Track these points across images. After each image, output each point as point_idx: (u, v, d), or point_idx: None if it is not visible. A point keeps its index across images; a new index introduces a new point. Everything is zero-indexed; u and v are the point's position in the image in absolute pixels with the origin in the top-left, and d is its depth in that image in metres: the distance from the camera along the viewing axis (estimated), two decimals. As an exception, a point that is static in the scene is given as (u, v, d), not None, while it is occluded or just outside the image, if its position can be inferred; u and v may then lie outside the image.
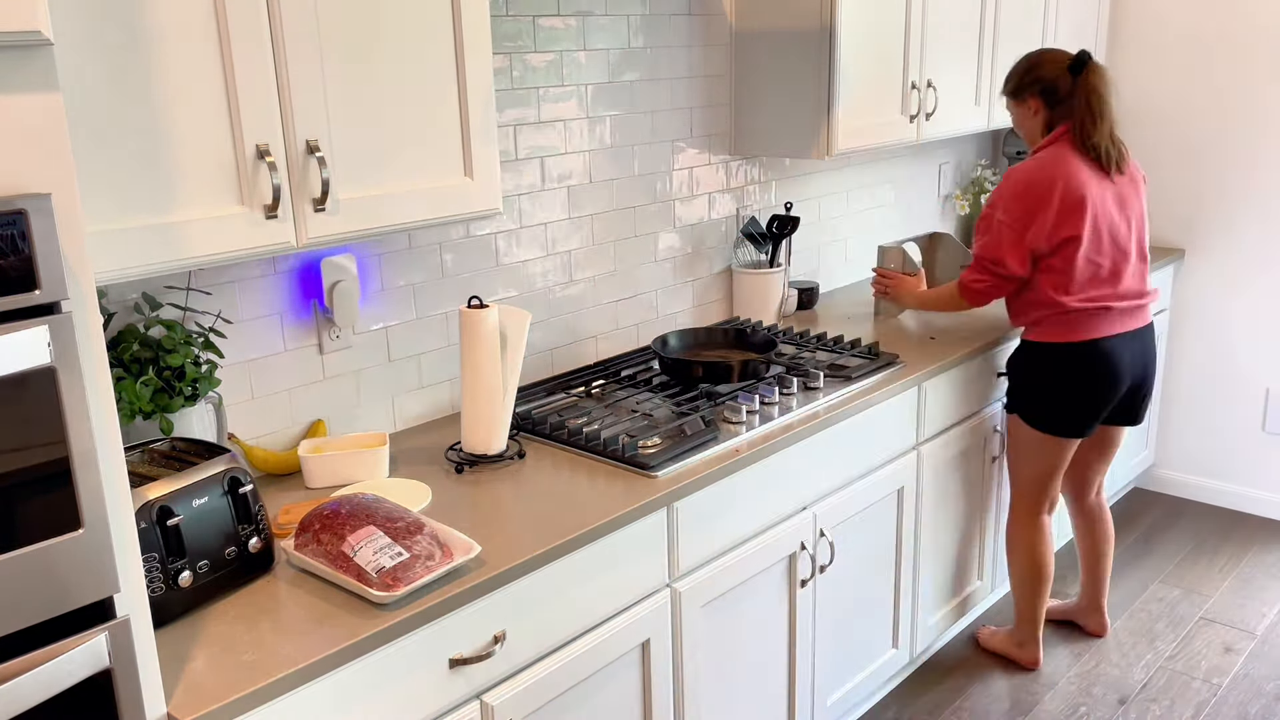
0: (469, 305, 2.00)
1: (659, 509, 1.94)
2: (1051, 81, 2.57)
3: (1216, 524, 3.84)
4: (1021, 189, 2.52)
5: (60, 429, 1.13)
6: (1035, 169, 2.53)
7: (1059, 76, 2.56)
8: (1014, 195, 2.52)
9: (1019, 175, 2.54)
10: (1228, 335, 3.83)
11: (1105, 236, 2.55)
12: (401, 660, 1.55)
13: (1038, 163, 2.54)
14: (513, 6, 2.31)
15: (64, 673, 1.19)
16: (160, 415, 1.77)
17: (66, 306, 1.14)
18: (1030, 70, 2.60)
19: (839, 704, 2.58)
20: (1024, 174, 2.53)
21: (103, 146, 1.43)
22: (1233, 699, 2.83)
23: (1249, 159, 3.66)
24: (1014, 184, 2.53)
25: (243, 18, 1.53)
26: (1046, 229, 2.50)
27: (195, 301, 1.92)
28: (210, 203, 1.56)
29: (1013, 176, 2.55)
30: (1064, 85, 2.56)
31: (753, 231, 2.97)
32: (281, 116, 1.61)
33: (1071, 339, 2.57)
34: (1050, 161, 2.53)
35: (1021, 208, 2.51)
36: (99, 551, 1.19)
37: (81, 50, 1.39)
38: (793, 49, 2.71)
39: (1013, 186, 2.53)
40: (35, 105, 1.10)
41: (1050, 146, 2.57)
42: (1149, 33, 3.77)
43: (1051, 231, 2.50)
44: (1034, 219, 2.50)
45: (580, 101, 2.50)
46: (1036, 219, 2.50)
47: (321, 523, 1.64)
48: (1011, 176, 2.55)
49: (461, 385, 2.05)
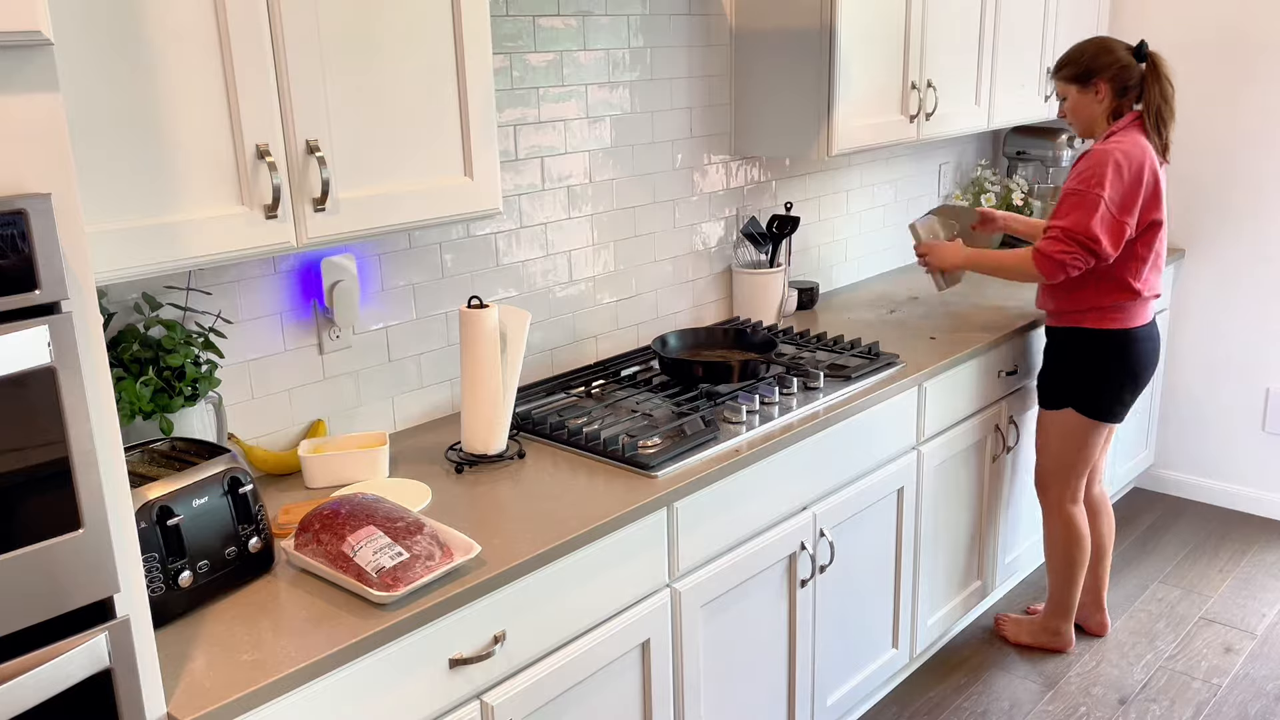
0: (469, 305, 2.00)
1: (659, 509, 1.94)
2: (1122, 68, 2.58)
3: (1216, 524, 3.84)
4: (1121, 168, 2.51)
5: (60, 429, 1.13)
6: (1129, 148, 2.53)
7: (1129, 64, 2.58)
8: (1116, 173, 2.51)
9: (1115, 155, 2.52)
10: (1228, 335, 3.83)
11: (1165, 227, 2.64)
12: (401, 660, 1.55)
13: (1124, 145, 2.53)
14: (513, 6, 2.31)
15: (64, 673, 1.18)
16: (160, 415, 1.77)
17: (66, 306, 1.14)
18: (1099, 55, 2.59)
19: (839, 704, 2.58)
20: (1120, 153, 2.52)
21: (103, 146, 1.43)
22: (1233, 699, 2.83)
23: (1249, 159, 3.66)
24: (1113, 163, 2.51)
25: (243, 17, 1.53)
26: (1139, 211, 2.54)
27: (195, 301, 1.92)
28: (210, 203, 1.56)
29: (1107, 156, 2.52)
30: (1133, 73, 2.59)
31: (753, 231, 2.97)
32: (281, 116, 1.61)
33: (1136, 324, 2.65)
34: (1133, 145, 2.54)
35: (1124, 186, 2.51)
36: (99, 551, 1.19)
37: (81, 50, 1.39)
38: (793, 49, 2.71)
39: (1112, 166, 2.51)
40: (35, 105, 1.10)
41: (1123, 131, 2.58)
42: (1149, 33, 3.77)
43: (1143, 214, 2.55)
44: (1134, 199, 2.52)
45: (580, 101, 2.50)
46: (1135, 199, 2.52)
47: (321, 523, 1.64)
48: (1103, 157, 2.52)
49: (461, 385, 2.05)
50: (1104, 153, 2.53)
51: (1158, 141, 2.59)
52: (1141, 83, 2.60)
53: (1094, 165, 2.53)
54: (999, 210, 3.19)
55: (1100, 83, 2.60)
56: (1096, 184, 2.51)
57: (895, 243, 3.69)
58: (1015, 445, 3.09)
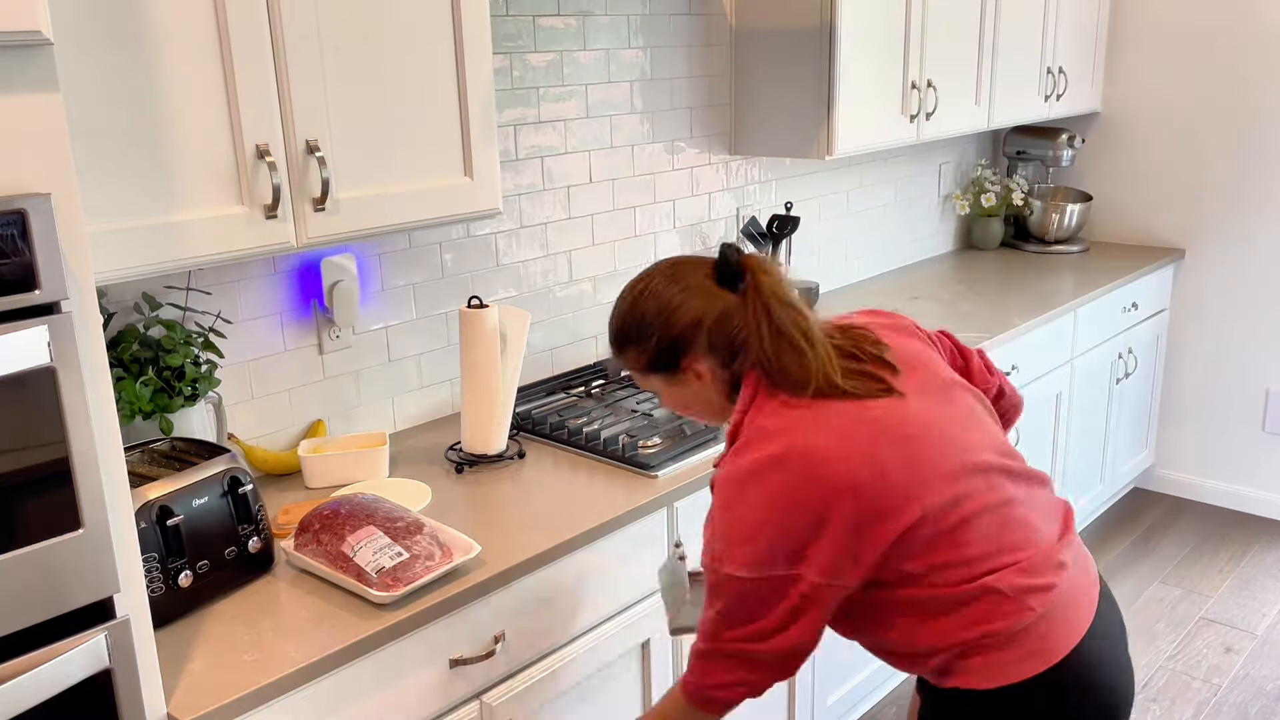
0: (469, 305, 2.00)
1: (659, 509, 1.94)
2: (712, 324, 1.42)
3: (1216, 524, 3.84)
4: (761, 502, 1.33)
5: (60, 429, 1.13)
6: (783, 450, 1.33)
7: (720, 313, 1.42)
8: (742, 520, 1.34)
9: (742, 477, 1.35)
10: (1228, 335, 3.83)
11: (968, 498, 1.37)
12: (401, 660, 1.55)
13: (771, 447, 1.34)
14: (513, 6, 2.31)
15: (64, 673, 1.18)
16: (160, 415, 1.77)
17: (66, 306, 1.14)
18: (669, 323, 1.43)
19: (839, 704, 2.58)
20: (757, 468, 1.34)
21: (103, 146, 1.43)
22: (1233, 699, 2.83)
23: (1249, 159, 3.66)
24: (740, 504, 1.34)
25: (243, 17, 1.53)
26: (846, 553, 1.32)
27: (195, 301, 1.92)
28: (210, 202, 1.56)
29: (730, 486, 1.36)
30: (732, 318, 1.41)
31: (753, 231, 2.97)
32: (281, 116, 1.61)
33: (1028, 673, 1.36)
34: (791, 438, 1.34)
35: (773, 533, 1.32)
36: (99, 552, 1.19)
37: (81, 50, 1.39)
38: (793, 49, 2.71)
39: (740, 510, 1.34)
40: (35, 105, 1.10)
41: (765, 412, 1.38)
42: (1149, 33, 3.77)
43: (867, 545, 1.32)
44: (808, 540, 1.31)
45: (580, 101, 2.50)
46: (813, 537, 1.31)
47: (321, 523, 1.64)
48: (725, 490, 1.37)
49: (461, 385, 2.05)
50: (728, 480, 1.36)
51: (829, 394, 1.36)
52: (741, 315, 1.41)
53: (715, 514, 1.37)
54: None
55: (691, 362, 1.44)
56: (721, 556, 1.34)
57: (895, 243, 3.69)
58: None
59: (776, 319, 1.38)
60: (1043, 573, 1.37)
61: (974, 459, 1.38)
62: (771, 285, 1.40)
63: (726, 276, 1.42)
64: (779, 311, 1.38)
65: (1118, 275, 3.47)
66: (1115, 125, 3.92)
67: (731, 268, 1.42)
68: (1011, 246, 3.99)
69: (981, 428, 1.44)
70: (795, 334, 1.38)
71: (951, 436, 1.38)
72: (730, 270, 1.42)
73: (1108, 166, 3.97)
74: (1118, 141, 3.92)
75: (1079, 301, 3.22)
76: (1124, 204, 3.96)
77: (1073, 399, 3.36)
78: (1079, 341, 3.33)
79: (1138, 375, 3.77)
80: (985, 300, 3.23)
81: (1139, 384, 3.81)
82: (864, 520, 1.30)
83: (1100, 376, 3.51)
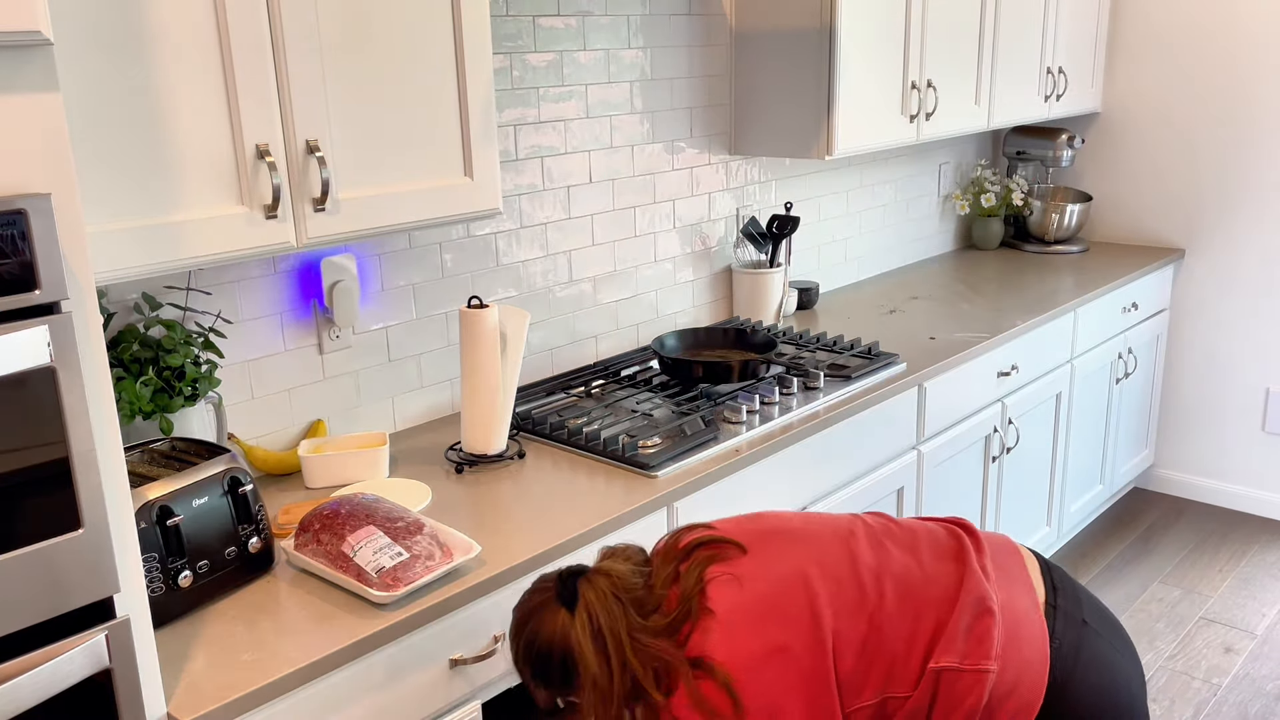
0: (469, 305, 2.00)
1: (659, 509, 1.94)
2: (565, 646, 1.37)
3: (1216, 524, 3.84)
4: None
5: (60, 429, 1.13)
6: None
7: (558, 628, 1.38)
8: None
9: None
10: (1228, 335, 3.83)
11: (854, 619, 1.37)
12: (401, 660, 1.55)
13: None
14: (513, 6, 2.31)
15: (64, 673, 1.18)
16: (160, 415, 1.77)
17: (66, 306, 1.14)
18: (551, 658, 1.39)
19: (839, 704, 2.58)
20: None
21: (103, 146, 1.43)
22: (1233, 699, 2.83)
23: (1249, 159, 3.66)
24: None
25: (243, 18, 1.53)
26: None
27: (195, 301, 1.92)
28: (210, 203, 1.56)
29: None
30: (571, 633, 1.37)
31: (753, 231, 2.97)
32: (281, 116, 1.61)
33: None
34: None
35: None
36: (99, 551, 1.19)
37: (81, 50, 1.39)
38: (793, 49, 2.71)
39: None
40: (35, 105, 1.10)
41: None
42: (1149, 33, 3.77)
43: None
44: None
45: (580, 101, 2.50)
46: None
47: (321, 523, 1.64)
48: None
49: (461, 385, 2.05)
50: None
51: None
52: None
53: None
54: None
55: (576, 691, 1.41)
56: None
57: (895, 243, 3.69)
58: (1015, 445, 3.09)
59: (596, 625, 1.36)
60: (974, 621, 1.37)
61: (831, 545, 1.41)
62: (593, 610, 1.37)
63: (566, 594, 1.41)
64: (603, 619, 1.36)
65: (1118, 275, 3.48)
66: (1115, 125, 3.92)
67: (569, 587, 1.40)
68: (1011, 246, 3.99)
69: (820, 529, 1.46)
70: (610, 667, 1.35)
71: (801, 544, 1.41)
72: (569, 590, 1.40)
73: (1108, 166, 3.97)
74: (1118, 141, 3.92)
75: (1079, 301, 3.23)
76: (1124, 204, 3.96)
77: (1073, 399, 3.36)
78: (1079, 341, 3.33)
79: (1138, 375, 3.77)
80: (985, 300, 3.23)
81: (1139, 384, 3.81)
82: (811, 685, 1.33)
83: (1100, 376, 3.51)
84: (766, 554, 1.40)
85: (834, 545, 1.42)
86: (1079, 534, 3.78)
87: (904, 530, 1.48)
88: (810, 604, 1.35)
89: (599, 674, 1.35)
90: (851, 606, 1.36)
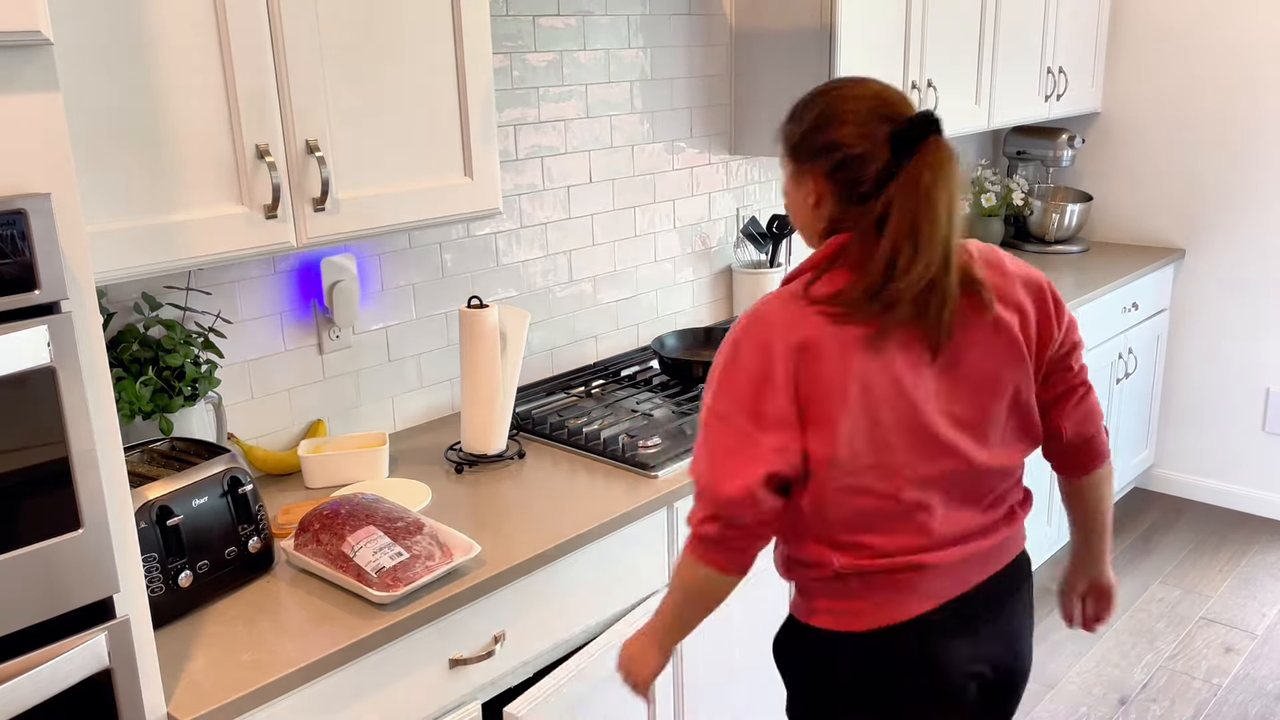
0: (469, 305, 2.00)
1: (659, 509, 1.94)
2: (850, 157, 1.35)
3: (1216, 524, 3.84)
4: (735, 362, 1.36)
5: (60, 429, 1.13)
6: (760, 325, 1.36)
7: (865, 153, 1.34)
8: (728, 372, 1.37)
9: (736, 338, 1.38)
10: (1228, 335, 3.83)
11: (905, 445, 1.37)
12: (401, 660, 1.55)
13: (766, 312, 1.37)
14: (513, 6, 2.31)
15: (64, 673, 1.18)
16: (160, 415, 1.77)
17: (66, 306, 1.14)
18: (817, 127, 1.38)
19: None
20: (743, 332, 1.37)
21: (103, 146, 1.43)
22: (1233, 699, 2.83)
23: (1249, 159, 3.66)
24: (727, 354, 1.38)
25: (242, 17, 1.53)
26: (789, 421, 1.34)
27: (195, 301, 1.92)
28: (210, 203, 1.56)
29: (726, 344, 1.39)
30: (868, 165, 1.34)
31: (753, 231, 2.97)
32: (281, 116, 1.61)
33: (858, 628, 1.42)
34: (776, 315, 1.36)
35: (738, 390, 1.36)
36: (99, 551, 1.19)
37: (81, 50, 1.39)
38: (793, 49, 2.71)
39: (725, 359, 1.38)
40: (35, 105, 1.10)
41: (807, 271, 1.40)
42: (1149, 33, 3.77)
43: (810, 425, 1.35)
44: (761, 405, 1.34)
45: (580, 101, 2.50)
46: (764, 405, 1.34)
47: (321, 523, 1.64)
48: (725, 344, 1.40)
49: (461, 385, 2.05)
50: (730, 338, 1.39)
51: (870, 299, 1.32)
52: (890, 180, 1.33)
53: (716, 358, 1.40)
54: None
55: (809, 173, 1.40)
56: (708, 394, 1.39)
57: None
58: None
59: (901, 217, 1.31)
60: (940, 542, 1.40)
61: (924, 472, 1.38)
62: (925, 186, 1.30)
63: (899, 138, 1.33)
64: (909, 211, 1.30)
65: (1118, 275, 3.47)
66: (1115, 125, 3.92)
67: (906, 135, 1.33)
68: (1012, 246, 3.99)
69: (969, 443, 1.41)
70: (904, 243, 1.30)
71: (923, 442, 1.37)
72: (904, 138, 1.33)
73: (1108, 166, 3.97)
74: (1118, 141, 3.92)
75: (1079, 301, 3.23)
76: (1124, 204, 3.96)
77: (1073, 399, 3.36)
78: (1079, 341, 3.32)
79: (1138, 375, 3.77)
80: (985, 300, 3.23)
81: (1139, 384, 3.81)
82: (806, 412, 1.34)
83: (1100, 376, 3.51)
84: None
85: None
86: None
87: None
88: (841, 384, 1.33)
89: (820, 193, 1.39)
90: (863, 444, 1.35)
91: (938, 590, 1.41)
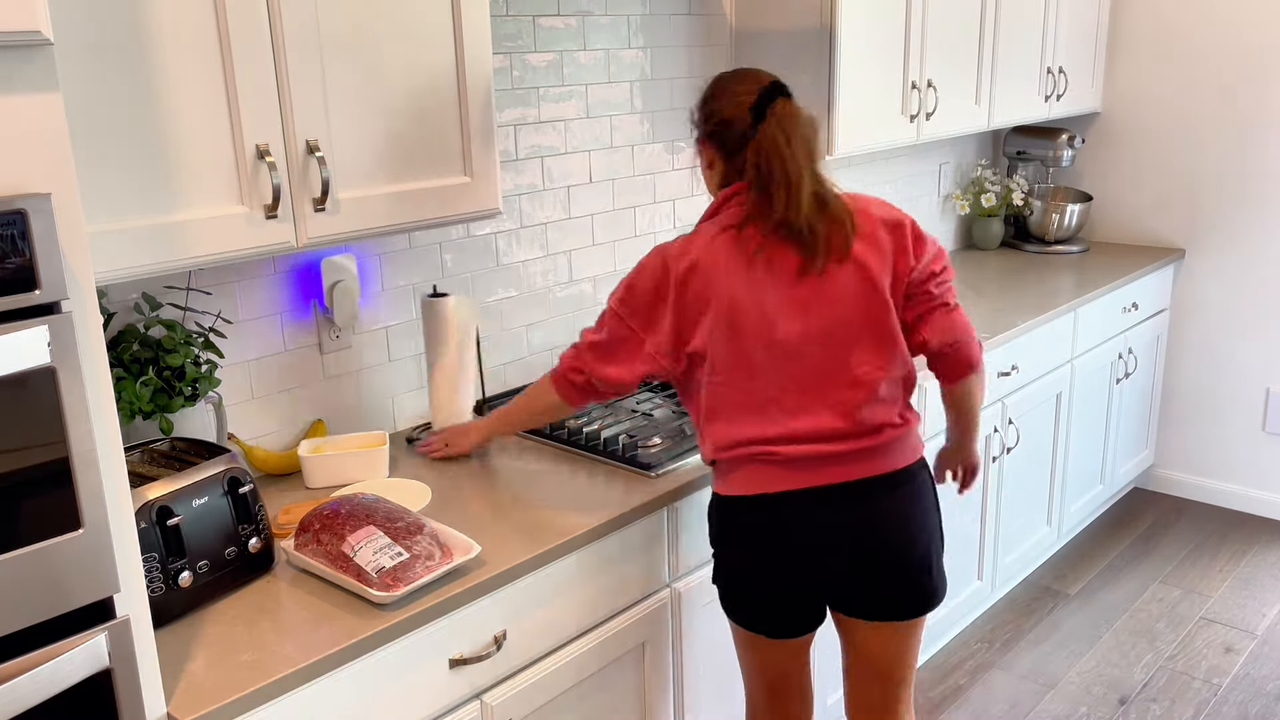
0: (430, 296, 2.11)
1: (659, 509, 1.94)
2: (723, 122, 1.74)
3: (1216, 524, 3.84)
4: (638, 278, 1.75)
5: (60, 429, 1.13)
6: (659, 255, 1.74)
7: (733, 119, 1.72)
8: (630, 284, 1.76)
9: (647, 259, 1.76)
10: (1228, 335, 3.83)
11: (761, 351, 1.70)
12: (401, 660, 1.55)
13: (669, 247, 1.74)
14: (513, 6, 2.31)
15: (64, 673, 1.18)
16: (160, 415, 1.77)
17: (66, 306, 1.14)
18: (705, 107, 1.78)
19: (839, 704, 2.58)
20: (657, 256, 1.74)
21: (103, 146, 1.43)
22: (1233, 699, 2.83)
23: (1249, 159, 3.66)
24: (636, 269, 1.76)
25: (243, 17, 1.53)
26: (670, 331, 1.73)
27: (195, 301, 1.92)
28: (210, 203, 1.56)
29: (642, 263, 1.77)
30: (735, 130, 1.73)
31: (753, 231, 2.97)
32: (281, 116, 1.61)
33: (732, 492, 1.77)
34: (678, 249, 1.72)
35: (636, 299, 1.75)
36: (99, 551, 1.19)
37: (81, 50, 1.39)
38: (793, 49, 2.71)
39: (634, 272, 1.76)
40: (35, 105, 1.10)
41: (708, 220, 1.77)
42: (1149, 33, 3.77)
43: (680, 336, 1.73)
44: (652, 314, 1.74)
45: (580, 101, 2.50)
46: (654, 315, 1.73)
47: (321, 523, 1.64)
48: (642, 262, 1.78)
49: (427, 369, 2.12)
50: (640, 261, 1.77)
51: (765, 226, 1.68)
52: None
53: (627, 275, 1.80)
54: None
55: (702, 142, 1.80)
56: (614, 297, 1.78)
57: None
58: (1015, 445, 3.09)
59: (759, 163, 1.68)
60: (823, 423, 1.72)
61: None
62: (772, 136, 1.68)
63: (757, 105, 1.71)
64: (765, 158, 1.68)
65: (1118, 275, 3.48)
66: (1115, 125, 3.92)
67: (760, 102, 1.70)
68: (1011, 246, 3.99)
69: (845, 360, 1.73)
70: (770, 185, 1.68)
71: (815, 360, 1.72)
72: (759, 104, 1.70)
73: (1108, 166, 3.97)
74: (1118, 141, 3.92)
75: (1079, 301, 3.23)
76: (1124, 204, 3.96)
77: (1073, 399, 3.36)
78: (1079, 341, 3.33)
79: (1138, 375, 3.77)
80: (985, 300, 3.23)
81: (1139, 384, 3.81)
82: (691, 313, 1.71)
83: (1100, 376, 3.51)
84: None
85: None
86: (1079, 534, 3.78)
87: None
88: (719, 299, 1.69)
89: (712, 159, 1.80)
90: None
91: (795, 478, 1.72)
